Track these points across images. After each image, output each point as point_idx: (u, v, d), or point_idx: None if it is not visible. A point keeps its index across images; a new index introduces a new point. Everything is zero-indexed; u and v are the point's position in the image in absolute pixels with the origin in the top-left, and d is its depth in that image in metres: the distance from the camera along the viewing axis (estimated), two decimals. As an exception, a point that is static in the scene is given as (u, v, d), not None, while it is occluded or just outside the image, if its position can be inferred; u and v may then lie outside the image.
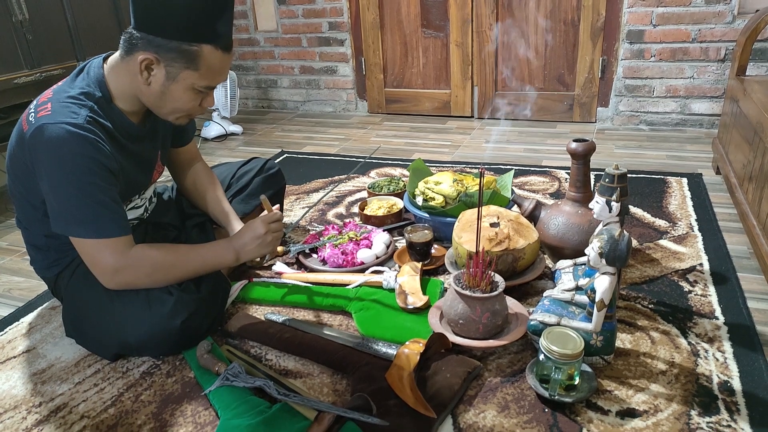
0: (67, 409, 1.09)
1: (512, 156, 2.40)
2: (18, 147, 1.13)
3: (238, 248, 1.25)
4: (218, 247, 1.26)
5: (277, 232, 1.28)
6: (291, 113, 3.41)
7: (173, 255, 1.19)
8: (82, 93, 1.10)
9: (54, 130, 1.03)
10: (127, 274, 1.13)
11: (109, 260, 1.11)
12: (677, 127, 2.64)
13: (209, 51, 1.07)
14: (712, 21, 2.41)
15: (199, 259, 1.22)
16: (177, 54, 1.06)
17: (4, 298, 1.53)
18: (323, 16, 3.13)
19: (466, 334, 1.14)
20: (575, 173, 1.35)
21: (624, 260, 0.99)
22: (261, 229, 1.25)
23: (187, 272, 1.21)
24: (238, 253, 1.25)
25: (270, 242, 1.27)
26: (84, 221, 1.08)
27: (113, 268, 1.12)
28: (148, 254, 1.15)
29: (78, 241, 1.11)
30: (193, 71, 1.08)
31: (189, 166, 1.48)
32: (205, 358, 1.13)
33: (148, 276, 1.15)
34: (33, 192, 1.15)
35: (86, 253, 1.12)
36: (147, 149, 1.27)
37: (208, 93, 1.16)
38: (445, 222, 1.54)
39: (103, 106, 1.12)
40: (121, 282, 1.14)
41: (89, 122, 1.07)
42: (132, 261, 1.13)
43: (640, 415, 0.98)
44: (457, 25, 2.86)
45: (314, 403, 0.98)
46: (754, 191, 1.49)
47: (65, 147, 1.03)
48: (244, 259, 1.27)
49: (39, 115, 1.05)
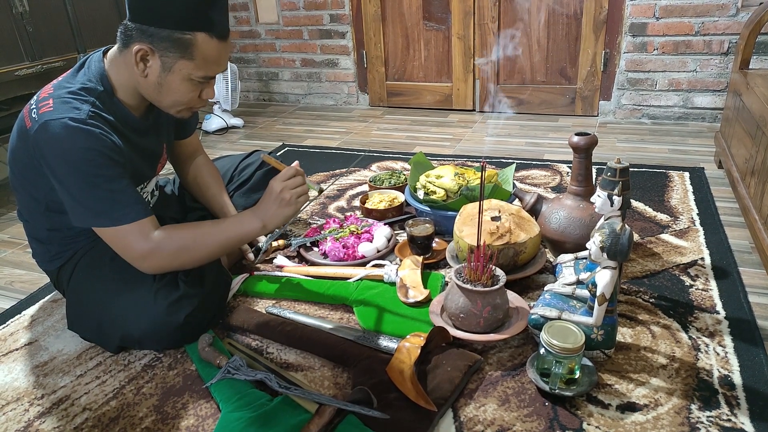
0: (69, 402, 1.09)
1: (514, 149, 2.39)
2: (20, 142, 1.12)
3: (262, 215, 1.20)
4: (242, 218, 1.22)
5: (297, 187, 1.21)
6: (292, 106, 3.40)
7: (197, 233, 1.17)
8: (83, 88, 1.09)
9: (57, 127, 1.02)
10: (154, 259, 1.12)
11: (134, 246, 1.10)
12: (679, 120, 2.63)
13: (204, 39, 1.06)
14: (715, 13, 2.39)
15: (224, 235, 1.19)
16: (171, 43, 1.05)
17: (6, 291, 1.54)
18: (324, 8, 3.11)
19: (467, 328, 1.14)
20: (577, 167, 1.35)
21: (625, 254, 0.99)
22: (277, 188, 1.19)
23: (213, 249, 1.18)
24: (263, 221, 1.20)
25: (290, 200, 1.20)
26: (101, 212, 1.07)
27: (140, 254, 1.11)
28: (171, 236, 1.13)
29: (101, 231, 1.11)
30: (188, 61, 1.07)
31: (191, 159, 1.47)
32: (207, 351, 1.14)
33: (175, 258, 1.14)
34: (35, 185, 1.15)
35: (112, 242, 1.12)
36: (152, 142, 1.27)
37: (206, 84, 1.14)
38: (446, 216, 1.54)
39: (105, 100, 1.12)
40: (151, 267, 1.14)
41: (92, 116, 1.06)
42: (156, 245, 1.11)
43: (640, 409, 0.98)
44: (459, 18, 2.84)
45: (315, 396, 0.99)
46: (756, 185, 1.48)
47: (70, 142, 1.03)
48: (272, 225, 1.21)
49: (41, 111, 1.05)
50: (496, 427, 0.97)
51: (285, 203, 1.20)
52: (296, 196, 1.21)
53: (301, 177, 1.23)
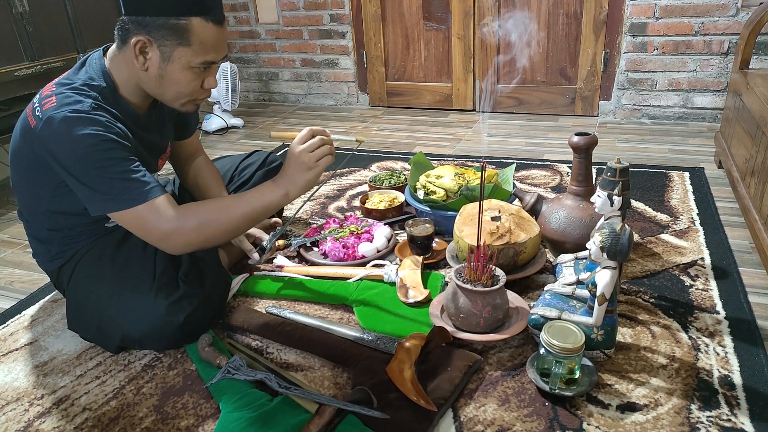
0: (69, 402, 1.09)
1: (514, 149, 2.39)
2: (24, 141, 1.12)
3: (284, 183, 1.15)
4: (264, 188, 1.17)
5: (317, 148, 1.14)
6: (292, 106, 3.40)
7: (219, 207, 1.14)
8: (86, 84, 1.10)
9: (61, 118, 1.02)
10: (178, 236, 1.09)
11: (155, 226, 1.08)
12: (679, 120, 2.63)
13: (199, 24, 1.06)
14: (715, 13, 2.39)
15: (247, 206, 1.14)
16: (167, 31, 1.05)
17: (6, 291, 1.54)
18: (324, 8, 3.11)
19: (467, 328, 1.14)
20: (577, 167, 1.35)
21: (625, 254, 0.99)
22: (295, 151, 1.14)
23: (237, 222, 1.13)
24: (286, 188, 1.14)
25: (309, 163, 1.13)
26: (116, 195, 1.06)
27: (163, 233, 1.08)
28: (192, 212, 1.11)
29: (120, 217, 1.09)
30: (185, 47, 1.07)
31: (191, 159, 1.47)
32: (207, 351, 1.14)
33: (199, 233, 1.11)
34: (40, 184, 1.15)
35: (133, 226, 1.09)
36: (155, 138, 1.27)
37: (208, 72, 1.14)
38: (446, 216, 1.54)
39: (108, 96, 1.12)
40: (176, 245, 1.11)
41: (95, 108, 1.06)
42: (178, 222, 1.08)
43: (640, 409, 0.98)
44: (459, 18, 2.84)
45: (315, 396, 0.99)
46: (756, 185, 1.48)
47: (76, 131, 1.02)
48: (296, 192, 1.15)
49: (45, 108, 1.05)
50: (496, 427, 0.97)
51: (305, 167, 1.14)
52: (316, 158, 1.14)
53: (321, 137, 1.15)
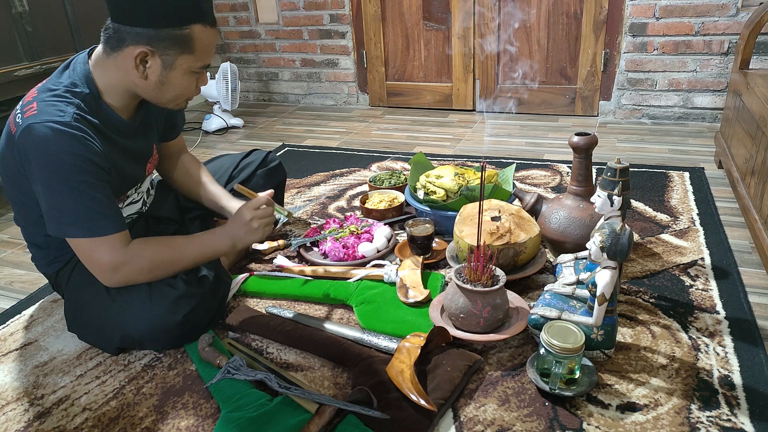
0: (69, 402, 1.09)
1: (514, 150, 2.39)
2: (8, 149, 1.10)
3: (233, 236, 1.24)
4: (214, 235, 1.25)
5: (264, 217, 1.25)
6: (292, 106, 3.40)
7: (171, 248, 1.19)
8: (68, 91, 1.08)
9: (41, 130, 1.01)
10: (125, 271, 1.12)
11: (105, 258, 1.10)
12: (679, 120, 2.63)
13: (199, 30, 1.07)
14: (715, 14, 2.39)
15: (197, 250, 1.22)
16: (170, 41, 1.05)
17: (6, 291, 1.54)
18: (324, 8, 3.11)
19: (467, 328, 1.14)
20: (577, 167, 1.34)
21: (625, 254, 0.99)
22: (247, 215, 1.23)
23: (186, 264, 1.20)
24: (234, 241, 1.24)
25: (257, 228, 1.24)
26: (77, 221, 1.06)
27: (111, 265, 1.11)
28: (145, 249, 1.14)
29: (73, 241, 1.10)
30: (188, 55, 1.08)
31: (176, 158, 1.47)
32: (207, 351, 1.14)
33: (149, 272, 1.15)
34: (27, 194, 1.13)
35: (83, 253, 1.11)
36: (140, 143, 1.26)
37: (202, 73, 1.16)
38: (446, 216, 1.54)
39: (91, 102, 1.10)
40: (121, 279, 1.14)
41: (77, 119, 1.05)
42: (129, 257, 1.12)
43: (640, 409, 0.98)
44: (459, 18, 2.84)
45: (315, 396, 0.99)
46: (756, 185, 1.48)
47: (53, 146, 1.01)
48: (240, 245, 1.26)
49: (26, 116, 1.04)
50: (496, 427, 0.97)
51: (252, 231, 1.24)
52: (263, 225, 1.25)
53: (270, 207, 1.27)
